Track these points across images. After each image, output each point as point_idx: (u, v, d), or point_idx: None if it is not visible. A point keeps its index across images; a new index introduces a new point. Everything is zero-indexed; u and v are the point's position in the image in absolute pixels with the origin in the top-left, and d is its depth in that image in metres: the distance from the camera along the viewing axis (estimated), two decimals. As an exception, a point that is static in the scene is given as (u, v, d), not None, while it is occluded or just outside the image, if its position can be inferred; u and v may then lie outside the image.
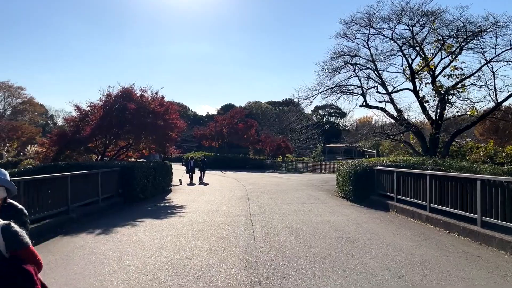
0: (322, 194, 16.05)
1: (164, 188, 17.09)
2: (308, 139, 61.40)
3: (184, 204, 13.12)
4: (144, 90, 16.46)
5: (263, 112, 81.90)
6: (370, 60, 22.34)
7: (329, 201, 13.71)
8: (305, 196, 15.12)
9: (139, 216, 10.42)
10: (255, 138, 47.95)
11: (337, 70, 21.39)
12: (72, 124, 16.14)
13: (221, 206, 12.31)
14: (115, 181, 12.67)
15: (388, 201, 11.75)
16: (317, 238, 7.55)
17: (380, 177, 12.90)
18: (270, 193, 16.42)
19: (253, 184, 20.90)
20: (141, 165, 13.92)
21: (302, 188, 18.65)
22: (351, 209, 11.71)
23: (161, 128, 16.00)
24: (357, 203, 13.13)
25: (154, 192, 15.41)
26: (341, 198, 14.70)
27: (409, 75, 20.89)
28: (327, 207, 12.23)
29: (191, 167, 22.37)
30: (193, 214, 10.81)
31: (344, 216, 10.27)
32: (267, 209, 11.53)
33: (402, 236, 7.81)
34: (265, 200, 13.99)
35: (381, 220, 9.76)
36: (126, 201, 12.93)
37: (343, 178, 14.67)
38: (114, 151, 17.59)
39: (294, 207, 11.99)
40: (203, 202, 13.65)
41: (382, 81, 22.17)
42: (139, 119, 15.13)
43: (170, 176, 18.43)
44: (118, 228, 8.58)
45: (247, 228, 8.52)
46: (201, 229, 8.50)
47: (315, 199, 14.38)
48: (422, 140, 21.23)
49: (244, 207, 11.99)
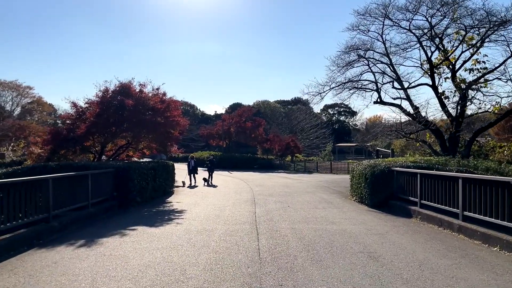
0: (335, 197, 14.83)
1: (166, 190, 16.05)
2: (318, 138, 60.00)
3: (185, 208, 12.03)
4: (144, 85, 15.42)
5: (271, 111, 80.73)
6: (384, 54, 20.99)
7: (343, 206, 12.50)
8: (317, 200, 13.93)
9: (132, 223, 9.36)
10: (263, 137, 46.69)
11: (350, 64, 20.08)
12: (68, 122, 15.19)
13: (225, 211, 11.19)
14: (109, 183, 11.64)
15: (410, 207, 10.51)
16: (334, 253, 6.38)
17: (401, 179, 11.65)
18: (278, 196, 15.26)
19: (261, 186, 19.75)
20: (138, 166, 12.88)
21: (313, 190, 17.44)
22: (368, 216, 10.49)
23: (161, 126, 14.91)
24: (375, 208, 11.92)
25: (154, 195, 14.39)
26: (356, 202, 13.48)
27: (427, 69, 19.49)
28: (341, 213, 11.02)
29: (192, 168, 20.96)
30: (192, 220, 9.71)
31: (362, 225, 9.06)
32: (275, 215, 10.37)
33: (434, 251, 6.59)
34: (272, 204, 12.84)
35: (405, 229, 8.53)
36: (121, 205, 11.90)
37: (358, 180, 13.44)
38: (113, 150, 16.61)
39: (305, 213, 10.81)
40: (205, 206, 12.55)
41: (397, 76, 20.80)
42: (138, 116, 14.08)
43: (173, 177, 17.40)
44: (104, 239, 7.51)
45: (251, 240, 7.38)
46: (198, 240, 7.39)
47: (327, 203, 13.18)
48: (441, 139, 19.80)
49: (249, 213, 10.86)
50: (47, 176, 7.92)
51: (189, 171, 21.13)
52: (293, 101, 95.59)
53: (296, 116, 65.92)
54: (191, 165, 21.06)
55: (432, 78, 19.17)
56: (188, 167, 21.23)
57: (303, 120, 64.42)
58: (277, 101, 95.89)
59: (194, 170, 21.10)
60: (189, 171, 21.13)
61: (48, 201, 7.87)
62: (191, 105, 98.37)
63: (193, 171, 21.06)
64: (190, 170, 21.03)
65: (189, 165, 21.26)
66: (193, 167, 21.05)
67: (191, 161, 21.40)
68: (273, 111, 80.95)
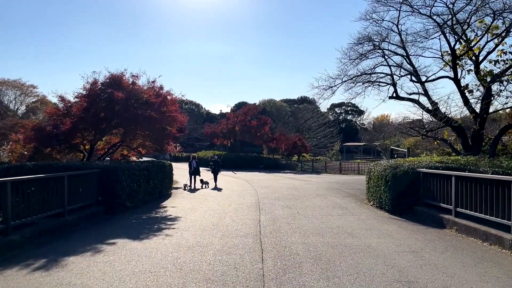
0: (349, 202, 13.28)
1: (162, 193, 14.60)
2: (325, 137, 58.28)
3: (179, 215, 10.55)
4: (137, 76, 13.92)
5: (277, 109, 79.08)
6: (399, 46, 19.36)
7: (360, 212, 10.94)
8: (329, 205, 12.38)
9: (114, 234, 7.90)
10: (269, 136, 45.05)
11: (364, 55, 18.41)
12: (55, 117, 13.78)
13: (224, 219, 9.69)
14: (93, 186, 10.22)
15: (441, 215, 8.93)
16: (361, 281, 4.85)
17: (428, 182, 10.06)
18: (286, 199, 13.74)
19: (266, 188, 18.23)
20: (129, 166, 11.44)
21: (324, 193, 15.88)
22: (392, 225, 8.93)
23: (156, 122, 13.40)
24: (397, 215, 10.38)
25: (147, 198, 12.95)
26: (374, 207, 11.92)
27: (449, 61, 17.81)
28: (360, 221, 9.46)
29: (194, 169, 18.80)
30: (185, 231, 8.22)
31: (388, 238, 7.50)
32: (283, 225, 8.85)
33: (493, 279, 5.03)
34: (280, 209, 11.32)
35: (443, 245, 6.95)
36: (107, 211, 10.49)
37: (376, 183, 11.87)
38: (105, 149, 15.20)
39: (318, 222, 9.27)
40: (203, 211, 11.07)
41: (414, 69, 19.12)
42: (129, 111, 12.65)
43: (170, 178, 15.94)
44: (70, 258, 6.05)
45: (254, 260, 5.87)
46: (188, 260, 5.89)
47: (342, 208, 11.63)
48: (463, 137, 18.10)
49: (253, 221, 9.35)
50: (4, 180, 6.47)
51: (191, 172, 19.02)
52: (299, 100, 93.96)
53: (303, 115, 64.18)
54: (193, 165, 18.96)
55: (455, 70, 17.45)
56: (190, 168, 19.11)
57: (310, 118, 62.69)
58: (283, 100, 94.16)
59: (195, 171, 19.03)
60: (191, 172, 19.02)
61: (6, 210, 6.44)
62: (196, 104, 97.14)
63: (195, 172, 18.98)
64: (192, 171, 18.93)
65: (190, 166, 19.14)
66: (195, 168, 18.96)
67: (192, 162, 19.21)
68: (279, 110, 79.21)
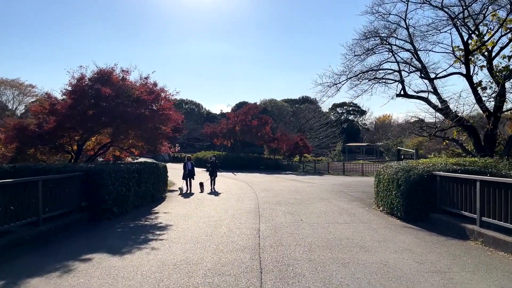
0: (356, 206, 12.29)
1: (155, 197, 13.64)
2: (328, 137, 57.25)
3: (170, 222, 9.58)
4: (127, 71, 12.91)
5: (278, 109, 78.08)
6: (407, 41, 18.38)
7: (370, 219, 9.95)
8: (335, 210, 11.40)
9: (93, 248, 6.93)
10: (270, 136, 43.96)
11: (372, 50, 17.43)
12: (40, 116, 12.81)
13: (220, 228, 8.72)
14: (76, 191, 9.25)
15: (464, 224, 7.95)
16: (385, 318, 3.87)
17: (447, 187, 9.06)
18: (287, 204, 12.75)
19: (267, 191, 17.24)
20: (116, 169, 10.47)
21: (328, 197, 14.90)
22: (408, 236, 7.94)
23: (148, 120, 12.37)
24: (411, 222, 9.41)
25: (138, 203, 12.01)
26: (385, 213, 10.93)
27: (461, 56, 16.82)
28: (371, 230, 8.48)
29: (189, 171, 17.28)
30: (174, 243, 7.25)
31: (406, 253, 6.51)
32: (285, 235, 7.87)
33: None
34: (281, 216, 10.33)
35: (472, 263, 5.96)
36: (92, 218, 9.53)
37: (387, 187, 10.88)
38: (96, 150, 14.23)
39: (324, 231, 8.29)
40: (197, 219, 10.09)
41: (422, 65, 18.14)
42: (118, 108, 11.67)
43: (164, 181, 14.98)
44: (33, 281, 5.09)
45: (251, 284, 4.89)
46: (171, 284, 4.92)
47: (349, 214, 10.64)
48: (476, 137, 17.09)
49: (251, 230, 8.37)
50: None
51: (185, 175, 17.51)
52: (301, 99, 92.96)
53: (305, 115, 63.16)
54: (188, 167, 17.44)
55: (467, 66, 16.45)
56: (184, 170, 17.56)
57: (312, 118, 61.67)
58: (284, 100, 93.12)
59: (191, 174, 17.56)
60: (185, 175, 17.51)
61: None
62: (196, 104, 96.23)
63: (190, 175, 17.51)
64: (186, 173, 17.42)
65: (185, 168, 17.57)
66: (190, 170, 17.43)
67: (187, 163, 17.67)
68: (280, 109, 78.16)
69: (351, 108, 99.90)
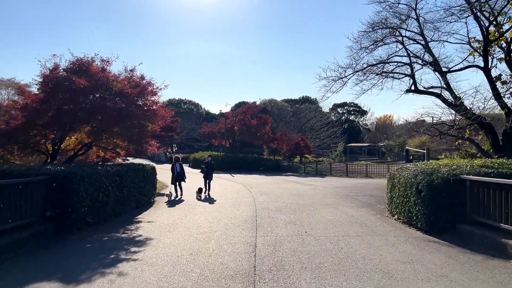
0: (366, 214, 10.86)
1: (141, 202, 12.23)
2: (329, 137, 55.77)
3: (152, 235, 8.15)
4: (108, 61, 11.38)
5: (278, 109, 76.64)
6: (418, 33, 16.98)
7: (385, 230, 8.53)
8: (344, 219, 9.97)
9: (47, 272, 5.52)
10: (270, 136, 42.43)
11: (381, 40, 15.98)
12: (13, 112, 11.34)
13: (209, 243, 7.29)
14: (39, 198, 7.84)
15: (504, 239, 6.54)
16: None
17: (479, 194, 7.65)
18: (289, 211, 11.33)
19: (266, 195, 15.80)
20: (92, 171, 9.05)
21: (333, 202, 13.47)
22: (436, 254, 6.53)
23: (132, 117, 10.90)
24: (434, 234, 8.02)
25: (120, 210, 10.59)
26: (401, 222, 9.51)
27: (478, 48, 15.39)
28: (390, 246, 7.06)
29: (177, 173, 15.20)
30: (149, 267, 5.81)
31: (442, 281, 5.08)
32: (287, 254, 6.44)
33: None
34: (282, 226, 8.90)
35: (534, 297, 4.55)
36: (59, 230, 8.10)
37: (403, 192, 9.45)
38: (76, 150, 12.77)
39: (334, 248, 6.87)
40: (184, 230, 8.67)
41: (434, 59, 16.74)
42: (97, 103, 10.24)
43: (152, 184, 13.54)
44: None
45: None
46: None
47: (360, 224, 9.21)
48: (493, 136, 15.65)
49: (246, 247, 6.94)
50: None
51: (174, 178, 15.42)
52: (301, 99, 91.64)
53: (305, 114, 61.63)
54: (176, 170, 15.32)
55: (485, 58, 15.03)
56: (172, 173, 15.49)
57: (312, 118, 60.17)
58: (284, 100, 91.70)
59: (180, 177, 15.47)
60: (174, 178, 15.42)
61: None
62: (195, 104, 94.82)
63: (179, 178, 15.45)
64: (175, 176, 15.35)
65: (173, 171, 15.46)
66: (179, 173, 15.34)
67: (175, 165, 15.44)
68: (280, 109, 76.66)
69: (352, 108, 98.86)
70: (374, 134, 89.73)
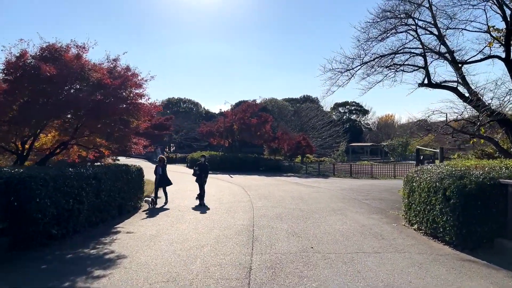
0: (380, 222, 9.47)
1: (124, 208, 10.83)
2: (331, 137, 54.29)
3: (126, 251, 6.75)
4: (84, 48, 9.90)
5: (279, 108, 75.15)
6: (431, 23, 15.56)
7: (406, 245, 7.13)
8: (355, 229, 8.57)
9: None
10: (271, 135, 40.93)
11: (395, 28, 14.52)
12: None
13: (193, 263, 5.89)
14: (-13, 207, 6.45)
15: None
16: None
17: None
18: (291, 218, 9.92)
19: (266, 198, 14.40)
20: (58, 174, 7.67)
21: (340, 207, 12.07)
22: (479, 280, 5.15)
23: (110, 111, 9.49)
24: (467, 251, 6.68)
25: (97, 218, 9.20)
26: (422, 234, 8.11)
27: (499, 37, 13.96)
28: (416, 267, 5.66)
29: (160, 176, 13.31)
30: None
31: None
32: (291, 280, 5.05)
33: None
34: (283, 240, 7.51)
35: None
36: (16, 245, 6.73)
37: (426, 199, 8.05)
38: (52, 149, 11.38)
39: (349, 271, 5.47)
40: (166, 245, 7.27)
41: (449, 50, 15.32)
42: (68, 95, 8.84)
43: (139, 187, 12.16)
44: None
45: None
46: None
47: (375, 236, 7.82)
48: (515, 133, 14.26)
49: (238, 271, 5.54)
50: None
51: (157, 182, 13.51)
52: (302, 99, 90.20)
53: (307, 113, 60.13)
54: (158, 173, 13.38)
55: (507, 48, 13.59)
56: (155, 175, 13.57)
57: (314, 117, 58.67)
58: (285, 99, 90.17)
59: (163, 180, 13.44)
60: (157, 182, 13.51)
61: None
62: (195, 103, 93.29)
63: (162, 182, 13.43)
64: (158, 180, 13.42)
65: (156, 173, 13.53)
66: (161, 176, 13.38)
67: (158, 168, 13.48)
68: (281, 108, 75.11)
69: (354, 107, 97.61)
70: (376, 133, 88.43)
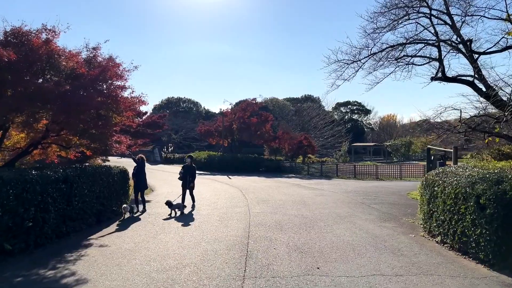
0: (394, 232, 8.20)
1: (103, 215, 9.59)
2: (333, 137, 52.94)
3: (89, 275, 5.50)
4: (54, 32, 8.61)
5: (280, 108, 73.85)
6: (443, 12, 14.30)
7: (432, 263, 5.87)
8: (366, 240, 7.31)
9: None
10: (271, 135, 39.59)
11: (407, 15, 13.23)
12: None
13: (168, 293, 4.65)
14: None
15: None
16: None
17: None
18: (292, 227, 8.66)
19: (264, 202, 13.14)
20: (16, 177, 6.44)
21: (347, 213, 10.80)
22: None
23: (82, 104, 8.16)
24: (507, 271, 5.37)
25: (69, 228, 7.97)
26: (449, 248, 6.85)
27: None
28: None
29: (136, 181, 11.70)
30: None
31: None
32: (292, 323, 3.81)
33: None
34: (283, 256, 6.24)
35: None
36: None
37: (453, 207, 6.77)
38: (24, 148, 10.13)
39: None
40: (141, 264, 6.01)
41: (462, 40, 14.06)
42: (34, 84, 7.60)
43: (122, 191, 10.91)
44: None
45: None
46: None
47: (392, 251, 6.56)
48: (536, 132, 12.99)
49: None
50: None
51: (136, 185, 11.80)
52: (303, 98, 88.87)
53: (308, 113, 58.76)
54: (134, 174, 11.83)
55: (532, 37, 12.34)
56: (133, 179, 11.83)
57: (315, 116, 57.30)
58: (286, 99, 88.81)
59: (140, 184, 11.74)
60: (136, 185, 11.80)
61: None
62: (195, 102, 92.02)
63: (139, 187, 11.76)
64: (137, 183, 11.74)
65: (135, 176, 11.82)
66: (137, 177, 11.71)
67: (135, 169, 11.86)
68: (282, 108, 73.78)
69: (355, 107, 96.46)
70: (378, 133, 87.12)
